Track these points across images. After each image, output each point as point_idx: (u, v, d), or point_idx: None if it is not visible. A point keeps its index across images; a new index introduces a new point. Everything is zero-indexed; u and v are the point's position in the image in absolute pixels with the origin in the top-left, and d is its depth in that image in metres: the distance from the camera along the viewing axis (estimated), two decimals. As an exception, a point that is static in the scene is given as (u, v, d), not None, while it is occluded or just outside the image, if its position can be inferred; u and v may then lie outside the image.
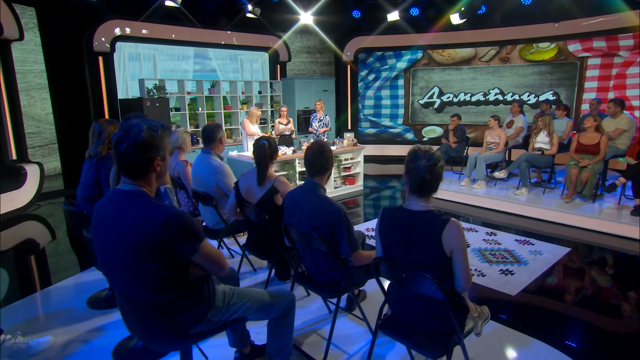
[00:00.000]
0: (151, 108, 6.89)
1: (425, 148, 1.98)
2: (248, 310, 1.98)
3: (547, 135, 6.26)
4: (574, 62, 8.71)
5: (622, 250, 4.73)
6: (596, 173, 5.59)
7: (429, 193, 1.98)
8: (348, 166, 7.30)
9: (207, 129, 3.63)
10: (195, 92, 8.40)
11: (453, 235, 1.88)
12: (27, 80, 8.68)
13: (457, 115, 7.36)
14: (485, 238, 4.98)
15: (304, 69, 11.61)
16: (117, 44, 8.02)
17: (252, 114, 6.98)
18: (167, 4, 7.53)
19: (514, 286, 3.73)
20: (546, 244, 4.77)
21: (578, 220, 5.35)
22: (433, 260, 1.93)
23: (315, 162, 2.57)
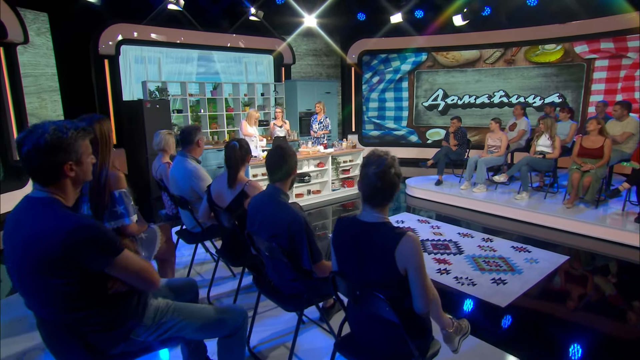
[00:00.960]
0: (151, 110, 6.73)
1: (379, 152, 1.71)
2: (184, 328, 1.75)
3: (548, 139, 5.89)
4: (580, 63, 8.26)
5: (624, 259, 4.36)
6: (599, 178, 5.21)
7: (383, 203, 1.72)
8: (347, 168, 7.02)
9: (184, 131, 3.42)
10: (198, 95, 8.23)
11: (407, 252, 1.62)
12: (39, 83, 8.63)
13: (457, 118, 7.02)
14: (481, 244, 4.66)
15: (310, 71, 11.36)
16: (123, 47, 7.92)
17: (251, 115, 6.77)
18: (170, 8, 7.37)
19: (504, 297, 3.42)
20: (544, 251, 4.43)
21: (578, 226, 4.99)
22: (386, 279, 1.68)
23: (275, 167, 2.33)
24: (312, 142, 7.39)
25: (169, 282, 2.08)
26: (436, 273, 3.90)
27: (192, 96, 7.99)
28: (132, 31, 7.87)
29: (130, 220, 2.30)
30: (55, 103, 8.71)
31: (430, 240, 4.80)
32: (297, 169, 2.27)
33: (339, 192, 6.88)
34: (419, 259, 1.63)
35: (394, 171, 1.67)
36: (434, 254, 4.39)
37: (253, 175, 5.83)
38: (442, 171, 6.92)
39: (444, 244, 4.68)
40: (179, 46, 8.37)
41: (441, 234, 5.00)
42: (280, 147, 2.38)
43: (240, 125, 6.85)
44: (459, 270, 3.95)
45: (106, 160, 2.25)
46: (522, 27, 8.64)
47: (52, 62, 8.20)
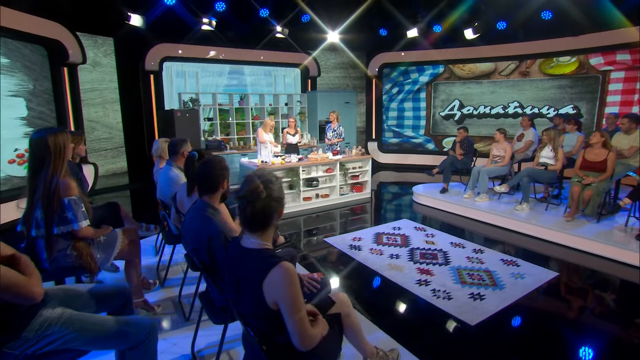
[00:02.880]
0: (182, 118, 6.77)
1: (254, 177, 1.46)
2: (73, 340, 1.57)
3: (551, 150, 5.26)
4: (595, 75, 7.38)
5: (621, 279, 3.76)
6: (601, 192, 4.55)
7: (258, 228, 1.45)
8: (356, 174, 6.69)
9: (172, 142, 3.31)
10: (227, 104, 8.20)
11: (276, 284, 1.35)
12: (104, 95, 9.05)
13: (464, 128, 6.47)
14: (470, 256, 4.20)
15: (338, 83, 11.10)
16: (165, 63, 8.06)
17: (266, 123, 6.61)
18: (203, 28, 7.38)
19: (477, 314, 3.00)
20: (533, 266, 3.90)
21: (575, 241, 4.38)
22: (257, 311, 1.42)
23: (202, 181, 2.12)
24: (327, 148, 7.14)
25: (95, 288, 1.93)
26: (415, 284, 3.53)
27: (221, 106, 7.96)
28: (172, 49, 7.98)
29: (78, 226, 2.20)
30: (116, 112, 9.08)
31: (421, 249, 4.40)
32: (307, 174, 2.04)
33: (347, 196, 6.57)
34: (290, 293, 1.34)
35: (268, 195, 1.40)
36: (419, 263, 4.00)
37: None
38: (448, 179, 6.41)
39: (433, 253, 4.27)
40: (214, 61, 8.39)
41: (433, 243, 4.58)
42: (209, 161, 2.17)
43: (257, 132, 6.71)
44: (439, 283, 3.56)
45: (57, 170, 2.18)
46: (537, 40, 7.86)
47: (114, 78, 8.55)
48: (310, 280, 2.13)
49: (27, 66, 6.12)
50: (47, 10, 6.22)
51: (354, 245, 4.53)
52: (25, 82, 6.09)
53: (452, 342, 2.70)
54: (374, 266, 3.93)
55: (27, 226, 2.18)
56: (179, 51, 8.05)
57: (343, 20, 8.84)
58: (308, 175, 6.11)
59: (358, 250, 4.39)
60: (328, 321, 1.71)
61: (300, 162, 5.94)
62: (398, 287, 3.48)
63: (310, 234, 5.14)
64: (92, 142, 8.86)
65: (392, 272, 3.80)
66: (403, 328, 2.84)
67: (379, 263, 4.01)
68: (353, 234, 4.90)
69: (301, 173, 5.93)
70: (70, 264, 2.28)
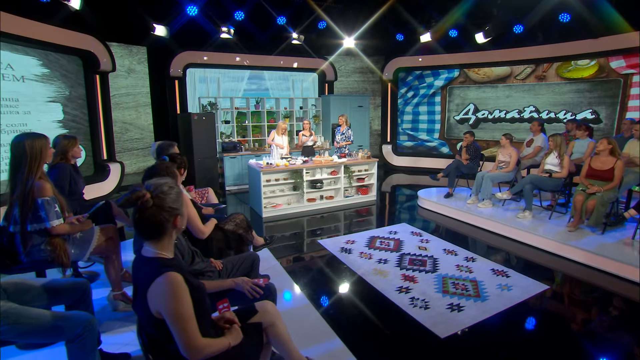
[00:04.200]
0: (198, 121, 6.90)
1: (150, 184, 1.42)
2: (7, 333, 1.61)
3: (557, 157, 4.86)
4: (616, 79, 6.76)
5: (619, 295, 3.39)
6: (606, 202, 4.15)
7: (149, 237, 1.41)
8: (362, 177, 6.54)
9: (159, 146, 3.36)
10: (244, 108, 8.28)
11: (157, 294, 1.30)
12: (137, 100, 9.39)
13: (470, 132, 6.14)
14: (460, 264, 3.96)
15: (357, 87, 10.93)
16: (189, 69, 8.24)
17: (279, 126, 6.60)
18: (222, 37, 7.48)
19: (449, 326, 2.82)
20: (524, 277, 3.62)
21: (573, 253, 4.03)
22: (147, 318, 1.37)
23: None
24: (336, 151, 7.05)
25: (50, 282, 1.97)
26: (395, 291, 3.37)
27: (238, 109, 8.05)
28: (194, 57, 8.15)
29: (50, 225, 2.27)
30: (147, 115, 9.39)
31: (411, 254, 4.21)
32: (311, 176, 1.92)
33: (352, 198, 6.43)
34: (172, 304, 1.28)
35: (157, 205, 1.35)
36: (406, 270, 3.83)
37: (266, 180, 5.67)
38: (453, 184, 6.12)
39: (422, 260, 4.07)
40: (235, 67, 8.50)
41: (426, 249, 4.37)
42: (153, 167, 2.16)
43: (270, 134, 6.71)
44: (420, 291, 3.38)
45: (33, 172, 2.27)
46: (554, 43, 7.32)
47: (147, 84, 8.84)
48: (254, 286, 2.08)
49: (64, 75, 6.46)
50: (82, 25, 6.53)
51: (345, 248, 4.41)
52: (62, 89, 6.44)
53: (414, 356, 2.54)
54: (359, 270, 3.80)
55: (7, 222, 2.28)
56: (204, 58, 8.21)
57: (359, 26, 8.67)
58: (312, 177, 6.04)
59: (348, 253, 4.27)
60: (246, 330, 1.65)
61: (305, 164, 5.88)
62: (376, 293, 3.34)
63: (307, 235, 5.07)
64: (125, 142, 9.24)
65: (375, 277, 3.66)
66: (365, 338, 2.70)
67: (364, 267, 3.88)
68: (347, 237, 4.77)
69: (305, 175, 5.86)
70: (43, 258, 2.36)
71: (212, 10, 7.53)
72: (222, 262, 2.52)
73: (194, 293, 1.41)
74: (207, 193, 4.28)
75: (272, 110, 8.62)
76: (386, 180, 8.79)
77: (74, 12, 5.46)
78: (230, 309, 1.76)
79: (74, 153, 3.30)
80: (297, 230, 5.25)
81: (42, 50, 6.01)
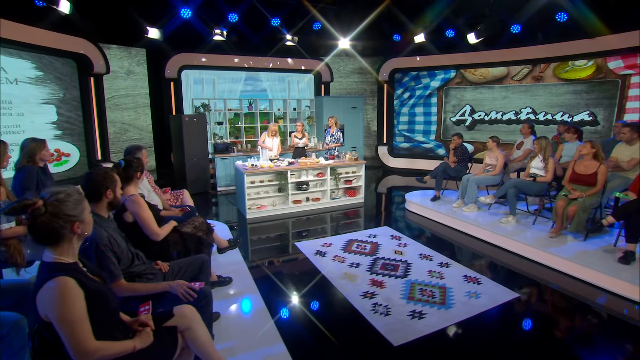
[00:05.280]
0: (189, 122, 6.94)
1: (47, 191, 1.44)
2: None
3: (541, 161, 4.72)
4: (614, 80, 6.53)
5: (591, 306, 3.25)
6: (587, 208, 4.00)
7: (45, 243, 1.44)
8: (350, 179, 6.47)
9: (127, 149, 3.37)
10: (237, 109, 8.30)
11: (45, 299, 1.33)
12: (136, 100, 9.51)
13: (458, 135, 6.02)
14: (433, 269, 3.87)
15: (355, 87, 10.86)
16: (184, 71, 8.31)
17: (270, 128, 6.60)
18: (215, 39, 7.51)
19: (405, 334, 2.75)
20: (496, 285, 3.51)
21: (551, 260, 3.90)
22: (39, 320, 1.40)
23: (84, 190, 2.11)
24: (325, 153, 7.01)
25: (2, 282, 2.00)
26: (359, 296, 3.31)
27: (230, 111, 8.07)
28: (189, 59, 8.21)
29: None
30: (147, 116, 9.51)
31: (385, 259, 4.14)
32: (297, 178, 1.91)
33: (339, 200, 6.38)
34: (58, 308, 1.30)
35: (51, 212, 1.38)
36: (376, 274, 3.76)
37: (251, 182, 5.66)
38: (440, 187, 6.00)
39: (395, 264, 3.99)
40: (229, 69, 8.53)
41: (401, 253, 4.29)
42: (91, 173, 2.16)
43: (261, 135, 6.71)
44: (384, 297, 3.31)
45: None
46: (551, 43, 7.11)
47: (146, 85, 8.95)
48: (188, 289, 2.07)
49: (58, 77, 6.59)
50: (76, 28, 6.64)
51: (320, 251, 4.37)
52: (56, 91, 6.57)
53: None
54: (329, 274, 3.75)
55: None
56: (203, 59, 8.27)
57: (354, 27, 8.61)
58: (298, 179, 6.01)
59: (322, 256, 4.22)
60: (160, 333, 1.65)
61: (289, 166, 5.85)
62: (339, 298, 3.29)
63: (286, 237, 5.04)
64: (125, 143, 9.37)
65: (343, 281, 3.60)
66: (313, 344, 2.65)
67: (335, 271, 3.83)
68: (325, 240, 4.72)
69: (289, 177, 5.84)
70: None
71: (206, 12, 7.57)
72: (169, 265, 2.51)
73: (92, 297, 1.43)
74: (182, 195, 4.30)
75: (265, 111, 8.62)
76: (381, 182, 8.69)
77: (68, 16, 5.55)
78: (149, 312, 1.76)
79: (42, 156, 3.34)
80: (278, 232, 5.22)
81: (36, 54, 6.14)
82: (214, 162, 7.46)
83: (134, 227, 2.70)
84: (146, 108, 9.48)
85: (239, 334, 2.63)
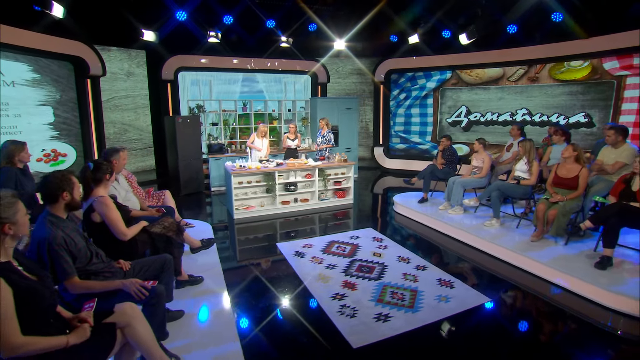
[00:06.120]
0: (183, 124, 7.04)
1: None
2: None
3: (526, 164, 4.66)
4: (609, 81, 6.40)
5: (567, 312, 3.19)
6: (567, 212, 3.94)
7: None
8: (339, 180, 6.48)
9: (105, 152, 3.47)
10: (232, 110, 8.37)
11: None
12: (136, 101, 9.68)
13: (447, 136, 5.97)
14: (409, 272, 3.86)
15: (354, 88, 10.86)
16: (181, 73, 8.42)
17: (259, 129, 6.64)
18: (210, 41, 7.59)
19: (366, 336, 2.76)
20: (468, 289, 3.49)
21: (529, 264, 3.84)
22: None
23: (41, 192, 2.19)
24: (316, 154, 7.03)
25: None
26: (329, 298, 3.33)
27: (225, 112, 8.15)
28: (185, 60, 8.32)
29: None
30: (146, 116, 9.66)
31: (362, 261, 4.14)
32: (285, 179, 1.89)
33: (328, 201, 6.39)
34: None
35: None
36: (350, 276, 3.76)
37: (238, 182, 5.71)
38: (427, 189, 5.97)
39: (372, 266, 3.99)
40: (223, 70, 8.62)
41: (380, 256, 4.28)
42: (48, 175, 2.22)
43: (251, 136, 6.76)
44: (354, 299, 3.32)
45: None
46: (547, 44, 7.00)
47: (145, 86, 9.11)
48: (141, 287, 2.14)
49: (55, 79, 6.75)
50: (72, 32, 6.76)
51: (300, 252, 4.39)
52: (53, 93, 6.73)
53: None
54: (303, 275, 3.77)
55: None
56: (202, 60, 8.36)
57: (350, 28, 8.61)
58: (286, 180, 6.04)
59: (301, 257, 4.24)
60: (98, 330, 1.71)
61: (277, 167, 5.89)
62: (309, 299, 3.31)
63: (270, 238, 5.06)
64: (124, 143, 9.52)
65: (316, 283, 3.62)
66: (269, 344, 2.66)
67: (310, 272, 3.85)
68: (306, 241, 4.74)
69: (277, 178, 5.87)
70: None
71: (201, 14, 7.66)
72: (131, 264, 2.57)
73: (22, 294, 1.50)
74: (163, 195, 4.37)
75: (259, 112, 8.68)
76: (377, 183, 8.67)
77: (64, 19, 5.67)
78: (92, 309, 1.82)
79: (20, 157, 3.44)
80: (262, 233, 5.26)
81: (33, 57, 6.29)
82: (208, 162, 7.54)
83: (102, 226, 2.77)
84: (146, 109, 9.63)
85: (198, 332, 2.67)
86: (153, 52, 8.28)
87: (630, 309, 3.00)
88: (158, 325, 2.28)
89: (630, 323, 2.93)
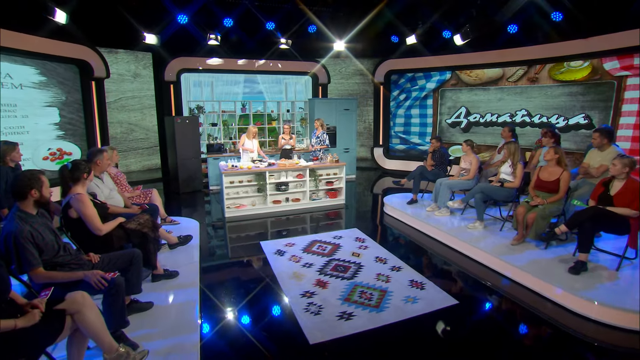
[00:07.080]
0: (182, 124, 7.23)
1: None
2: None
3: (510, 166, 4.62)
4: (610, 81, 6.23)
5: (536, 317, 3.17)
6: (547, 216, 3.90)
7: None
8: (331, 180, 6.55)
9: (88, 152, 3.64)
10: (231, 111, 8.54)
11: None
12: (142, 102, 9.99)
13: (437, 138, 5.96)
14: (383, 272, 3.90)
15: (357, 89, 10.90)
16: (183, 74, 8.65)
17: (250, 130, 6.77)
18: (210, 44, 7.77)
19: (325, 334, 2.83)
20: (439, 291, 3.50)
21: (504, 267, 3.82)
22: None
23: (11, 189, 2.35)
24: (311, 154, 7.11)
25: None
26: (298, 295, 3.41)
27: (224, 112, 8.32)
28: (187, 62, 8.54)
29: None
30: (152, 116, 9.96)
31: (340, 260, 4.20)
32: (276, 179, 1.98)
33: (319, 201, 6.46)
34: None
35: None
36: (325, 275, 3.83)
37: (230, 182, 5.86)
38: (417, 190, 5.97)
39: (347, 266, 4.05)
40: (224, 72, 8.81)
41: (358, 256, 4.33)
42: (18, 173, 2.38)
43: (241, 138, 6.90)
44: (322, 297, 3.39)
45: None
46: (546, 44, 6.88)
47: (151, 87, 9.40)
48: (101, 278, 2.29)
49: (60, 82, 7.06)
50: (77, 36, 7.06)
51: (281, 250, 4.48)
52: (59, 95, 7.05)
53: (267, 358, 2.57)
54: (279, 273, 3.86)
55: None
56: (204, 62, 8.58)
57: (350, 29, 8.66)
58: (277, 180, 6.15)
59: (281, 255, 4.33)
60: (48, 315, 1.84)
61: (268, 167, 6.00)
62: (278, 296, 3.40)
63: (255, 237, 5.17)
64: (131, 142, 9.87)
65: (289, 281, 3.70)
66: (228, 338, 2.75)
67: (286, 271, 3.93)
68: (288, 240, 4.83)
69: (268, 178, 5.99)
70: None
71: (202, 17, 7.86)
72: (100, 257, 2.73)
73: None
74: (150, 194, 4.54)
75: (258, 113, 8.82)
76: (375, 183, 8.69)
77: (69, 24, 5.93)
78: (47, 297, 1.97)
79: (12, 157, 3.66)
80: (250, 232, 5.37)
81: (40, 60, 6.61)
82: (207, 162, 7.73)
83: (78, 222, 2.94)
84: (152, 109, 9.92)
85: (163, 323, 2.80)
86: (158, 54, 8.55)
87: (597, 315, 2.97)
88: (118, 314, 2.42)
89: (596, 329, 2.90)
